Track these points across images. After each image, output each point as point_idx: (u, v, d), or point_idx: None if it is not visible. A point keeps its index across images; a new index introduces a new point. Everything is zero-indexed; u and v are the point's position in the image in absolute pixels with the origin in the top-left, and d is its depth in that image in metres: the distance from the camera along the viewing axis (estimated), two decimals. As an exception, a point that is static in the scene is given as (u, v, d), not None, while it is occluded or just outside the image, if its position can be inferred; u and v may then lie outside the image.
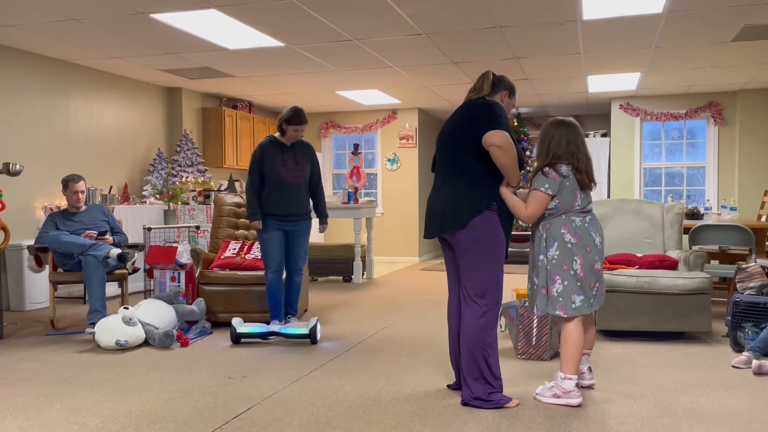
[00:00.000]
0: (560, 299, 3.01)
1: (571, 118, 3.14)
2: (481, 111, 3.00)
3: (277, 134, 4.59)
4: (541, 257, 3.07)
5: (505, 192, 3.00)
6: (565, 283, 3.01)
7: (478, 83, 3.16)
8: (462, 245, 2.98)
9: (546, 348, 3.87)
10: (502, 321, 4.55)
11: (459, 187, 2.99)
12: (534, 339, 3.91)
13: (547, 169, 3.03)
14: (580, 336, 3.04)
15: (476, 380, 2.97)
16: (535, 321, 3.89)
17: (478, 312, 2.96)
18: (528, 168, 9.68)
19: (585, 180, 3.04)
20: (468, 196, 2.97)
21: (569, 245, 3.00)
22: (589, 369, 3.31)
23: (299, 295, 4.67)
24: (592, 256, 3.02)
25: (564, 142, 3.05)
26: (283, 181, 4.46)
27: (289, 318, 4.61)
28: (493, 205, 2.97)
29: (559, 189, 3.00)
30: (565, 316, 3.02)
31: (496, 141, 2.87)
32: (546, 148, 3.08)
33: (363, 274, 7.68)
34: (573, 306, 3.01)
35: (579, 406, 3.00)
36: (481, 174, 2.98)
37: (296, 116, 4.44)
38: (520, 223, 3.29)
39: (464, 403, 3.01)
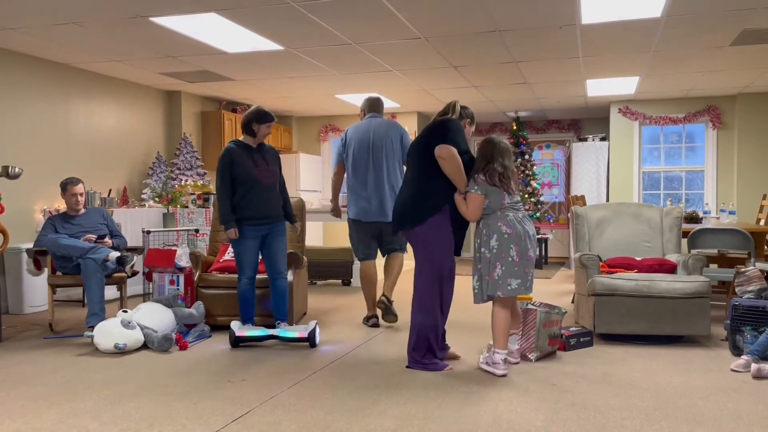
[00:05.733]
0: (500, 282, 3.55)
1: (500, 138, 3.72)
2: (436, 126, 3.63)
3: (241, 137, 4.51)
4: (484, 249, 3.60)
5: (458, 199, 3.61)
6: (504, 268, 3.54)
7: (446, 109, 3.77)
8: (412, 240, 3.65)
9: (533, 349, 3.87)
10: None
11: (417, 190, 3.62)
12: (521, 340, 3.91)
13: (476, 175, 3.60)
14: (507, 317, 3.58)
15: (420, 352, 3.66)
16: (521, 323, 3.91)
17: (420, 298, 3.62)
18: (527, 172, 9.69)
19: (507, 186, 3.59)
20: (423, 199, 3.59)
21: (506, 236, 3.54)
22: (518, 350, 3.81)
23: (287, 299, 4.56)
24: (526, 243, 3.54)
25: (496, 155, 3.61)
26: (258, 183, 4.38)
27: (278, 323, 4.51)
28: (445, 207, 3.59)
29: (487, 191, 3.55)
30: (503, 296, 3.56)
31: (442, 154, 3.50)
32: (480, 161, 3.64)
33: (362, 278, 7.68)
34: (509, 288, 3.54)
35: (502, 376, 3.52)
36: (436, 180, 3.57)
37: (267, 114, 4.41)
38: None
39: (409, 366, 3.70)
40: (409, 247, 4.23)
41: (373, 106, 5.05)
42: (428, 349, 3.68)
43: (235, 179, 4.36)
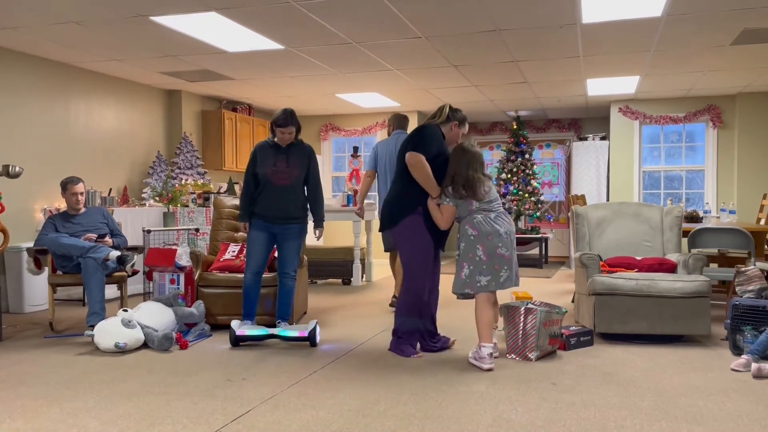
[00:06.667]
0: (468, 280, 3.76)
1: (471, 146, 3.86)
2: (412, 133, 3.85)
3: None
4: (457, 252, 3.85)
5: (431, 205, 3.82)
6: (471, 267, 3.74)
7: (435, 112, 3.97)
8: (394, 238, 3.90)
9: (533, 348, 3.87)
10: (501, 321, 4.55)
11: (395, 193, 3.87)
12: (521, 339, 3.91)
13: (446, 188, 3.80)
14: (488, 312, 3.75)
15: (396, 336, 4.02)
16: (521, 323, 3.91)
17: (404, 292, 3.92)
18: (527, 171, 9.68)
19: (473, 195, 3.75)
20: (399, 201, 3.84)
21: (471, 237, 3.74)
22: (495, 344, 3.82)
23: (291, 299, 4.58)
24: (494, 242, 3.71)
25: (462, 166, 3.77)
26: (270, 183, 4.41)
27: (278, 322, 4.54)
28: (419, 209, 3.81)
29: (456, 202, 3.78)
30: (473, 293, 3.75)
31: (409, 161, 3.74)
32: (449, 171, 3.82)
33: (362, 277, 7.68)
34: (479, 285, 3.72)
35: (488, 370, 3.64)
36: (412, 184, 3.79)
37: (282, 118, 4.35)
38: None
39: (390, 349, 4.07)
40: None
41: (401, 123, 5.73)
42: (406, 332, 3.99)
43: (256, 176, 4.49)
